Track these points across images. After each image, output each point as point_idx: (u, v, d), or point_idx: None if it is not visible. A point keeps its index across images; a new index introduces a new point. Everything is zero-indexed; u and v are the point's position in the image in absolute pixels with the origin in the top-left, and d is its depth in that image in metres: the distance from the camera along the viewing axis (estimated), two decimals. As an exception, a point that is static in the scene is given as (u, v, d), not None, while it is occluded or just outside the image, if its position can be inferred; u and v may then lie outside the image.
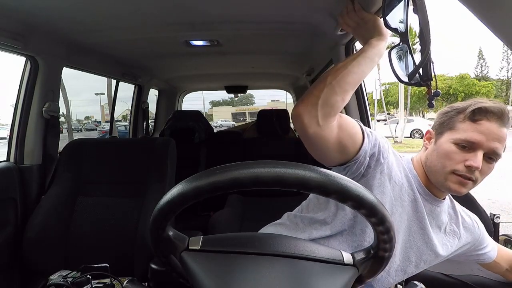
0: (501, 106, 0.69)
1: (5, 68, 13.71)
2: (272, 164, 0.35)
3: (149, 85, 2.65)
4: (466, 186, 0.71)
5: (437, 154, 0.74)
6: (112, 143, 1.58)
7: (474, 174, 0.69)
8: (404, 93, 15.78)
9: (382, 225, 0.41)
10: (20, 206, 1.30)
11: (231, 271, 0.42)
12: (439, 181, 0.74)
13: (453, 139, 0.70)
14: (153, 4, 1.06)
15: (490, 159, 0.70)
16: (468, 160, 0.68)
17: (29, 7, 1.03)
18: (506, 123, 0.69)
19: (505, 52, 39.71)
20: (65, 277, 0.94)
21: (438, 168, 0.73)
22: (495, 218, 1.80)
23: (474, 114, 0.69)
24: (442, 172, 0.72)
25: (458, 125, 0.71)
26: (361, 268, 0.45)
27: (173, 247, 0.45)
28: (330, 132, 0.63)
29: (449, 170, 0.71)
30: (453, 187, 0.71)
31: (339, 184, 0.36)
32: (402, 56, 0.54)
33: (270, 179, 0.34)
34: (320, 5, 1.09)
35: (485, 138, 0.67)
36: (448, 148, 0.71)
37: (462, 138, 0.69)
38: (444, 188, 0.74)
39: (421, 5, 0.46)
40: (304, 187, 0.35)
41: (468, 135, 0.68)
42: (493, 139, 0.68)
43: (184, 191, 0.38)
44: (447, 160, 0.71)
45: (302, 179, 0.35)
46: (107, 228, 1.25)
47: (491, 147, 0.68)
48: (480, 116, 0.68)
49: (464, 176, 0.69)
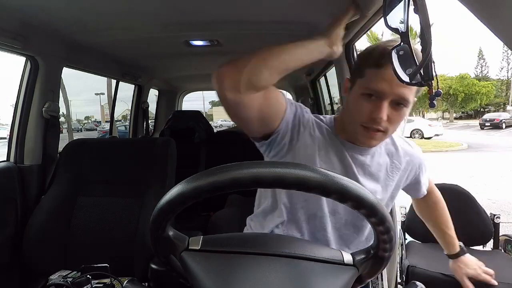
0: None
1: (5, 68, 13.72)
2: (272, 164, 0.35)
3: (149, 85, 2.65)
4: (375, 138, 0.69)
5: (348, 107, 0.73)
6: (112, 143, 1.58)
7: (382, 125, 0.67)
8: (404, 93, 15.75)
9: (382, 225, 0.41)
10: (20, 206, 1.30)
11: (231, 271, 0.42)
12: (351, 134, 0.73)
13: (360, 90, 0.69)
14: (153, 4, 1.06)
15: (399, 105, 0.67)
16: (373, 111, 0.66)
17: (29, 7, 1.03)
18: None
19: (505, 52, 39.75)
20: (65, 277, 0.94)
21: (349, 121, 0.72)
22: (495, 218, 1.80)
23: (379, 59, 0.65)
24: (352, 125, 0.71)
25: (366, 71, 0.68)
26: (361, 268, 0.45)
27: (173, 247, 0.45)
28: (251, 101, 0.60)
29: (357, 123, 0.69)
30: (362, 140, 0.70)
31: (339, 184, 0.36)
32: (403, 57, 0.54)
33: (270, 179, 0.34)
34: (319, 5, 1.09)
35: (390, 85, 0.64)
36: (356, 101, 0.70)
37: (366, 87, 0.67)
38: (356, 141, 0.72)
39: (422, 5, 0.46)
40: (304, 187, 0.35)
41: (372, 83, 0.66)
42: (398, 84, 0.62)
43: (184, 191, 0.38)
44: (355, 113, 0.69)
45: (302, 179, 0.35)
46: (107, 228, 1.25)
47: (396, 93, 0.65)
48: (385, 61, 0.62)
49: (372, 128, 0.67)
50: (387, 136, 0.71)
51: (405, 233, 1.95)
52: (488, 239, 1.81)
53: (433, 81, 0.50)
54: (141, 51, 1.72)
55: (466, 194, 1.88)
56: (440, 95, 0.50)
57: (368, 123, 0.67)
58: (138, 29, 1.31)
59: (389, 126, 0.68)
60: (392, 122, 0.68)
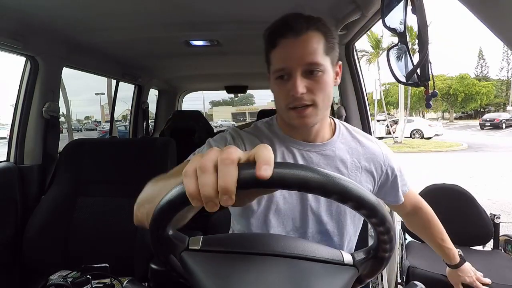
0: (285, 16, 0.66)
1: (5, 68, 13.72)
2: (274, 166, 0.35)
3: (149, 85, 2.65)
4: (307, 115, 0.65)
5: (274, 96, 0.71)
6: (112, 143, 1.58)
7: (306, 99, 0.64)
8: (404, 93, 15.77)
9: (382, 225, 0.41)
10: (20, 206, 1.30)
11: (231, 271, 0.42)
12: (288, 123, 0.70)
13: (273, 76, 0.67)
14: (153, 4, 1.06)
15: (312, 73, 0.64)
16: (290, 90, 0.64)
17: (29, 7, 1.03)
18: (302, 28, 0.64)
19: (505, 52, 39.73)
20: (65, 277, 0.94)
21: (281, 112, 0.70)
22: (495, 218, 1.80)
23: (271, 41, 0.65)
24: (284, 113, 0.68)
25: (270, 56, 0.67)
26: (361, 268, 0.45)
27: (173, 247, 0.45)
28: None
29: (285, 108, 0.67)
30: (296, 122, 0.67)
31: (340, 185, 0.36)
32: (400, 56, 0.54)
33: (271, 180, 0.34)
34: (320, 5, 1.09)
35: (290, 57, 0.63)
36: (274, 88, 0.68)
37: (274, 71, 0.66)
38: (294, 127, 0.70)
39: (420, 5, 0.46)
40: (305, 187, 0.35)
41: (276, 65, 0.65)
42: (299, 53, 0.63)
43: (184, 191, 0.38)
44: (279, 99, 0.68)
45: (303, 179, 0.35)
46: (107, 228, 1.25)
47: (302, 62, 0.63)
48: (276, 39, 0.64)
49: (298, 106, 0.65)
50: (320, 108, 0.67)
51: (405, 233, 1.95)
52: (488, 239, 1.81)
53: (430, 82, 0.50)
54: (141, 51, 1.72)
55: (466, 194, 1.88)
56: (436, 96, 0.50)
57: (293, 103, 0.65)
58: (138, 29, 1.31)
59: (315, 97, 0.65)
60: (316, 92, 0.65)
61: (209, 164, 0.33)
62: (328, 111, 0.72)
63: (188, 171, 0.34)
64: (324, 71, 0.65)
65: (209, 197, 0.32)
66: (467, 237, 1.82)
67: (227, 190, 0.32)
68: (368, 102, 1.44)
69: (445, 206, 1.88)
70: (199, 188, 0.33)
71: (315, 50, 0.64)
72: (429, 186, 2.00)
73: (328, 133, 0.75)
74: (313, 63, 0.63)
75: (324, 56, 0.65)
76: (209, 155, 0.34)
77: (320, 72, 0.65)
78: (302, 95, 0.63)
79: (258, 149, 0.34)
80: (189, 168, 0.34)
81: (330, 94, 0.68)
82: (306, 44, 0.63)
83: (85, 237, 1.25)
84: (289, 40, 0.64)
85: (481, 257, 1.71)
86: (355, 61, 1.37)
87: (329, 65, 0.66)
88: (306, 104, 0.65)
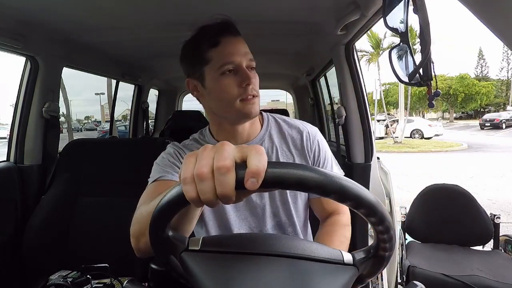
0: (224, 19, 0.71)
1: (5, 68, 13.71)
2: (271, 165, 0.35)
3: (149, 85, 2.65)
4: (256, 103, 0.72)
5: (214, 99, 0.73)
6: (112, 143, 1.58)
7: (254, 89, 0.71)
8: (404, 93, 15.77)
9: (381, 224, 0.41)
10: (20, 206, 1.30)
11: (231, 271, 0.42)
12: (234, 116, 0.73)
13: (218, 72, 0.69)
14: (153, 4, 1.06)
15: (253, 69, 0.73)
16: (242, 81, 0.69)
17: (29, 7, 1.03)
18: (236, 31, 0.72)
19: (505, 52, 39.75)
20: (65, 277, 0.94)
21: (225, 103, 0.71)
22: (495, 218, 1.80)
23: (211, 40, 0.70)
24: (231, 105, 0.70)
25: (209, 55, 0.70)
26: (361, 268, 0.45)
27: (173, 247, 0.45)
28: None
29: (235, 101, 0.70)
30: (248, 111, 0.71)
31: (339, 184, 0.36)
32: (402, 56, 0.54)
33: (270, 179, 0.34)
34: (320, 5, 1.09)
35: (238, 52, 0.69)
36: (220, 84, 0.70)
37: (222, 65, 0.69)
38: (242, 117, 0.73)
39: (421, 5, 0.46)
40: (303, 187, 0.35)
41: (223, 60, 0.69)
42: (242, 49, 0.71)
43: (182, 192, 0.38)
44: (227, 94, 0.70)
45: (301, 179, 0.35)
46: (107, 228, 1.25)
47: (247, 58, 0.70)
48: (217, 38, 0.70)
49: (248, 96, 0.69)
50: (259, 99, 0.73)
51: (405, 233, 1.95)
52: (488, 239, 1.81)
53: (432, 81, 0.50)
54: (141, 51, 1.72)
55: (466, 194, 1.89)
56: (439, 95, 0.50)
57: (245, 93, 0.69)
58: (138, 29, 1.31)
59: (257, 90, 0.72)
60: (257, 86, 0.72)
61: (205, 170, 0.34)
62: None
63: (186, 178, 0.35)
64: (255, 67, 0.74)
65: (210, 201, 0.34)
66: (467, 237, 1.83)
67: (226, 195, 0.33)
68: (368, 102, 1.44)
69: (445, 206, 1.88)
70: (198, 194, 0.34)
71: (248, 49, 0.73)
72: (429, 186, 2.00)
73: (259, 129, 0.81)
74: (252, 60, 0.73)
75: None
76: (204, 160, 0.34)
77: (254, 69, 0.73)
78: (254, 85, 0.70)
79: (250, 153, 0.34)
80: (187, 175, 0.35)
81: None
82: (244, 43, 0.73)
83: (85, 237, 1.25)
84: (231, 38, 0.71)
85: (481, 257, 1.72)
86: (355, 61, 1.37)
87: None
88: (254, 94, 0.71)
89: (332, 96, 2.16)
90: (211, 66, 0.70)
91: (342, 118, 1.38)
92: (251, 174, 0.33)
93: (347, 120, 1.38)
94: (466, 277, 1.45)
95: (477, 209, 1.83)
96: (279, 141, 0.80)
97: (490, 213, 1.83)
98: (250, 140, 0.78)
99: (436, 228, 1.85)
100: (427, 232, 1.88)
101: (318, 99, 2.54)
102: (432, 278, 1.45)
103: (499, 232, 1.81)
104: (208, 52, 0.70)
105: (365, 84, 1.40)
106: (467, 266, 1.59)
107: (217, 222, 0.79)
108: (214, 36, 0.70)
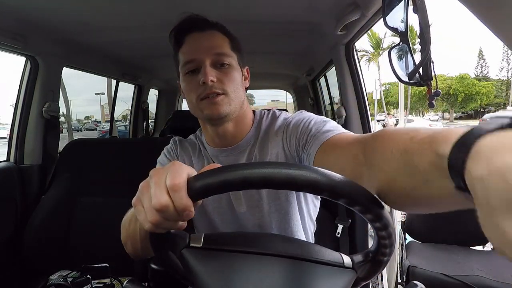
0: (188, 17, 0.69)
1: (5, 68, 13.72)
2: (283, 166, 0.35)
3: (149, 85, 2.65)
4: (219, 103, 0.65)
5: (185, 96, 0.71)
6: (112, 143, 1.58)
7: (217, 87, 0.65)
8: (404, 93, 15.78)
9: (385, 230, 0.41)
10: (20, 206, 1.30)
11: (233, 269, 0.42)
12: (201, 116, 0.69)
13: (183, 72, 0.68)
14: (153, 4, 1.06)
15: (222, 65, 0.67)
16: (200, 79, 0.65)
17: (29, 7, 1.03)
18: (206, 25, 0.68)
19: (505, 53, 39.71)
20: (65, 277, 0.94)
21: (192, 105, 0.69)
22: (495, 218, 1.80)
23: (178, 40, 0.68)
24: (195, 106, 0.68)
25: (179, 55, 0.69)
26: (359, 271, 0.45)
27: (173, 243, 0.45)
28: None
29: (196, 99, 0.67)
30: (209, 112, 0.66)
31: (348, 189, 0.36)
32: (402, 56, 0.54)
33: (282, 180, 0.34)
34: (320, 5, 1.09)
35: (199, 49, 0.66)
36: (185, 84, 0.69)
37: (183, 65, 0.67)
38: (207, 119, 0.69)
39: (421, 5, 0.46)
40: (314, 190, 0.35)
41: (184, 59, 0.67)
42: (206, 45, 0.65)
43: None
44: (189, 92, 0.68)
45: (313, 182, 0.35)
46: (107, 228, 1.25)
47: (211, 53, 0.65)
48: (182, 37, 0.68)
49: (207, 94, 0.65)
50: (232, 99, 0.67)
51: (405, 233, 1.95)
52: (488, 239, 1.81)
53: (432, 81, 0.50)
54: (141, 51, 1.72)
55: (466, 194, 1.88)
56: (439, 95, 0.50)
57: (203, 91, 0.65)
58: (138, 29, 1.31)
59: (225, 87, 0.66)
60: (226, 83, 0.66)
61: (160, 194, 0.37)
62: (242, 109, 0.71)
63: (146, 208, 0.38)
64: (231, 65, 0.68)
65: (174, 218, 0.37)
66: (467, 237, 1.82)
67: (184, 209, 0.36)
68: (368, 102, 1.44)
69: (445, 206, 1.88)
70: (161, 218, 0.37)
71: (221, 44, 0.67)
72: (429, 186, 2.00)
73: (247, 130, 0.74)
74: (221, 53, 0.66)
75: (230, 50, 0.68)
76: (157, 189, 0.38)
77: (228, 65, 0.67)
78: (213, 83, 0.64)
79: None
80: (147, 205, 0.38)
81: (240, 90, 0.69)
82: (211, 37, 0.67)
83: (85, 237, 1.25)
84: (195, 34, 0.67)
85: (481, 257, 1.71)
86: (355, 61, 1.37)
87: (236, 62, 0.69)
88: (217, 92, 0.65)
89: (332, 96, 2.16)
90: (180, 66, 0.69)
91: (342, 118, 1.38)
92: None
93: (347, 120, 1.38)
94: (466, 277, 1.45)
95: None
96: (272, 141, 0.71)
97: (490, 213, 1.83)
98: (236, 143, 0.73)
99: (436, 228, 1.85)
100: (427, 232, 1.88)
101: (318, 99, 2.54)
102: (432, 278, 1.45)
103: (499, 232, 1.81)
104: (177, 53, 0.70)
105: (365, 84, 1.40)
106: (467, 266, 1.59)
107: (203, 222, 0.78)
108: (179, 35, 0.69)
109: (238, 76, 0.69)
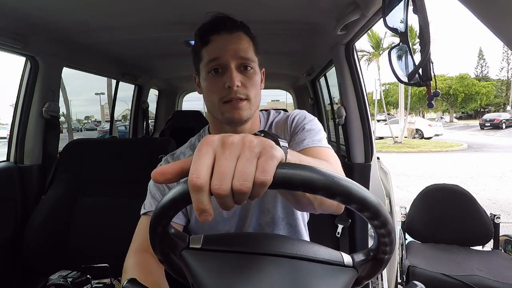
0: (215, 17, 0.69)
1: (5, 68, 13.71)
2: (279, 166, 0.35)
3: (149, 85, 2.65)
4: (242, 108, 0.67)
5: (205, 94, 0.71)
6: (112, 143, 1.58)
7: (241, 92, 0.66)
8: (404, 93, 15.76)
9: (384, 227, 0.41)
10: (20, 206, 1.30)
11: (232, 270, 0.42)
12: (221, 118, 0.70)
13: (206, 70, 0.68)
14: (153, 4, 1.06)
15: (246, 68, 0.68)
16: (226, 82, 0.65)
17: (29, 7, 1.03)
18: (233, 27, 0.68)
19: (505, 53, 39.73)
20: (65, 277, 0.94)
21: (212, 106, 0.70)
22: (495, 218, 1.80)
23: (203, 39, 0.68)
24: (217, 108, 0.68)
25: (202, 53, 0.69)
26: (360, 270, 0.45)
27: (173, 245, 0.45)
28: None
29: (219, 102, 0.67)
30: (231, 115, 0.67)
31: (344, 187, 0.36)
32: (402, 56, 0.54)
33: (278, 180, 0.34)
34: (320, 5, 1.09)
35: (226, 50, 0.65)
36: (207, 82, 0.69)
37: (208, 63, 0.67)
38: (227, 121, 0.70)
39: (421, 5, 0.46)
40: (310, 188, 0.35)
41: (209, 57, 0.67)
42: (233, 47, 0.66)
43: (186, 190, 0.38)
44: (212, 93, 0.68)
45: (308, 181, 0.35)
46: (107, 228, 1.25)
47: (237, 56, 0.66)
48: (208, 36, 0.67)
49: (233, 99, 0.66)
50: (253, 104, 0.69)
51: (405, 233, 1.95)
52: (488, 239, 1.81)
53: (432, 81, 0.50)
54: (141, 51, 1.72)
55: (466, 194, 1.89)
56: (438, 95, 0.50)
57: (227, 95, 0.66)
58: (138, 29, 1.31)
59: (249, 92, 0.67)
60: (249, 88, 0.67)
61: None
62: (257, 111, 0.76)
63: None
64: (254, 69, 0.69)
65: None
66: (467, 237, 1.83)
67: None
68: (368, 102, 1.44)
69: (445, 206, 1.88)
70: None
71: (247, 47, 0.68)
72: (429, 186, 2.00)
73: (256, 130, 0.76)
74: (247, 58, 0.67)
75: (254, 55, 0.70)
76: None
77: (252, 69, 0.69)
78: (238, 88, 0.65)
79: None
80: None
81: (259, 94, 0.71)
82: (239, 40, 0.68)
83: (85, 237, 1.25)
84: (222, 36, 0.67)
85: (481, 257, 1.72)
86: (355, 61, 1.37)
87: (257, 66, 0.70)
88: (241, 98, 0.66)
89: (332, 96, 2.16)
90: (203, 64, 0.70)
91: (342, 118, 1.38)
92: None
93: (347, 120, 1.38)
94: (466, 277, 1.45)
95: (477, 209, 1.83)
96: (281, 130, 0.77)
97: (490, 213, 1.83)
98: None
99: (436, 228, 1.85)
100: (427, 232, 1.88)
101: (318, 99, 2.54)
102: (432, 278, 1.45)
103: (499, 232, 1.81)
104: (200, 51, 0.70)
105: (365, 84, 1.40)
106: (467, 266, 1.60)
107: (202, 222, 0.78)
108: (205, 34, 0.68)
109: (258, 80, 0.71)
